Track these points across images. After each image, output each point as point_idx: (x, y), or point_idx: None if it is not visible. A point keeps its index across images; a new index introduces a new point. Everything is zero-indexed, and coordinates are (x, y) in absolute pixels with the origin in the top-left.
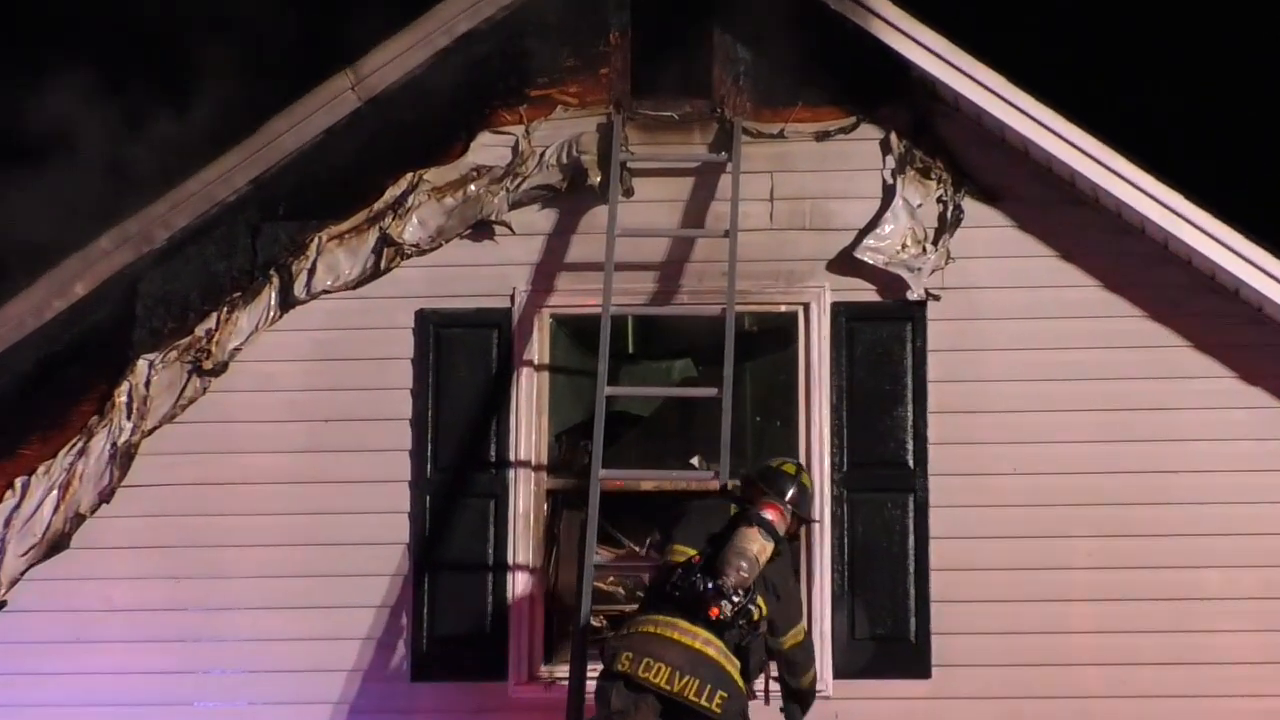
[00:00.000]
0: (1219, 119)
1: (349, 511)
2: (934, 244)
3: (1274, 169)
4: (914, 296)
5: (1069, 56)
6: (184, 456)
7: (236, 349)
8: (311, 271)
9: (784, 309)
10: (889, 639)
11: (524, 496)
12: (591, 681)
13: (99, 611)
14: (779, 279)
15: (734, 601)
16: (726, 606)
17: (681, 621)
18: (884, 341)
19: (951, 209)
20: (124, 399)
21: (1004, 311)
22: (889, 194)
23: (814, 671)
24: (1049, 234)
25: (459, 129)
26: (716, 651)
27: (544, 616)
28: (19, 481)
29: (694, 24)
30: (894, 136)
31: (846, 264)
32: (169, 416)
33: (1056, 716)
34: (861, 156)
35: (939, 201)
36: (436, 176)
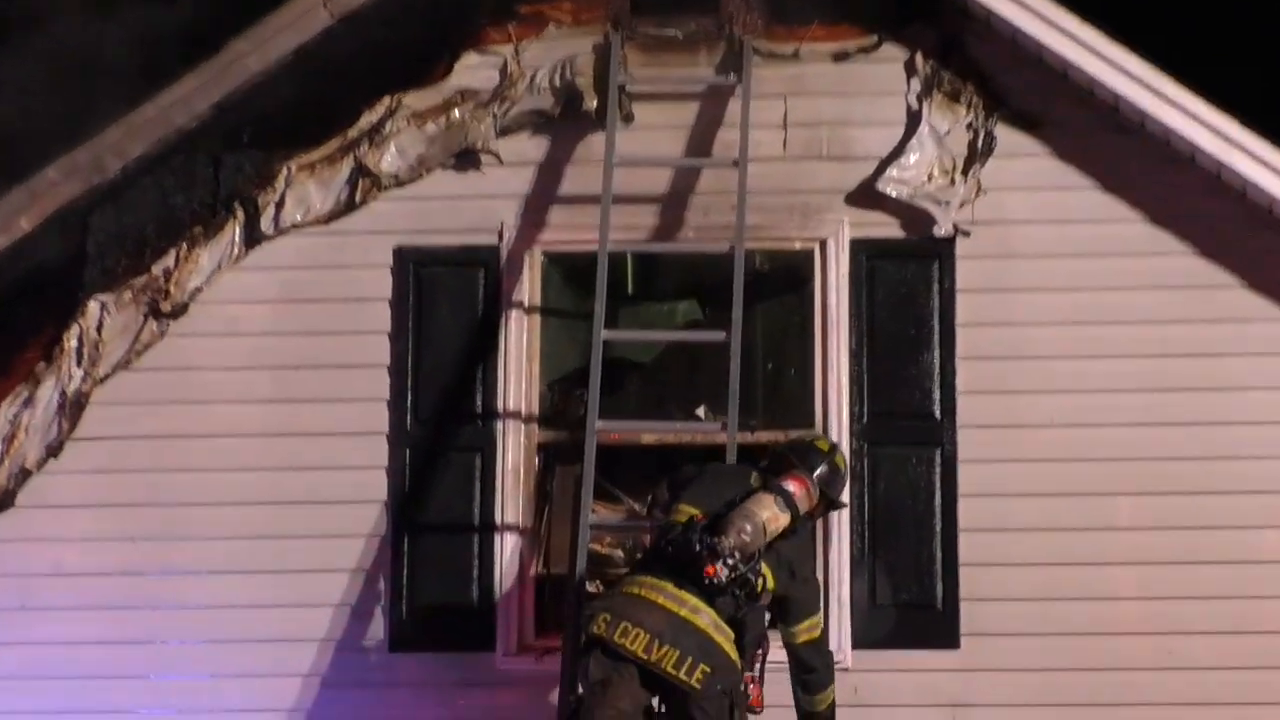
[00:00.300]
0: (1277, 37)
1: (321, 467)
2: (963, 175)
3: None
4: (941, 232)
5: None
6: (140, 407)
7: (197, 289)
8: (279, 205)
9: (798, 246)
10: (913, 606)
11: (513, 450)
12: None
13: (47, 576)
14: (793, 213)
15: (729, 564)
16: (722, 569)
17: (669, 585)
18: (908, 282)
19: (983, 136)
20: (74, 344)
21: (1040, 248)
22: (914, 120)
23: (831, 691)
24: (1089, 164)
25: (441, 49)
26: (706, 621)
27: (535, 582)
28: None
29: None
30: (920, 57)
31: (867, 197)
32: (123, 363)
33: (1097, 691)
34: (884, 79)
35: (969, 128)
36: (417, 101)
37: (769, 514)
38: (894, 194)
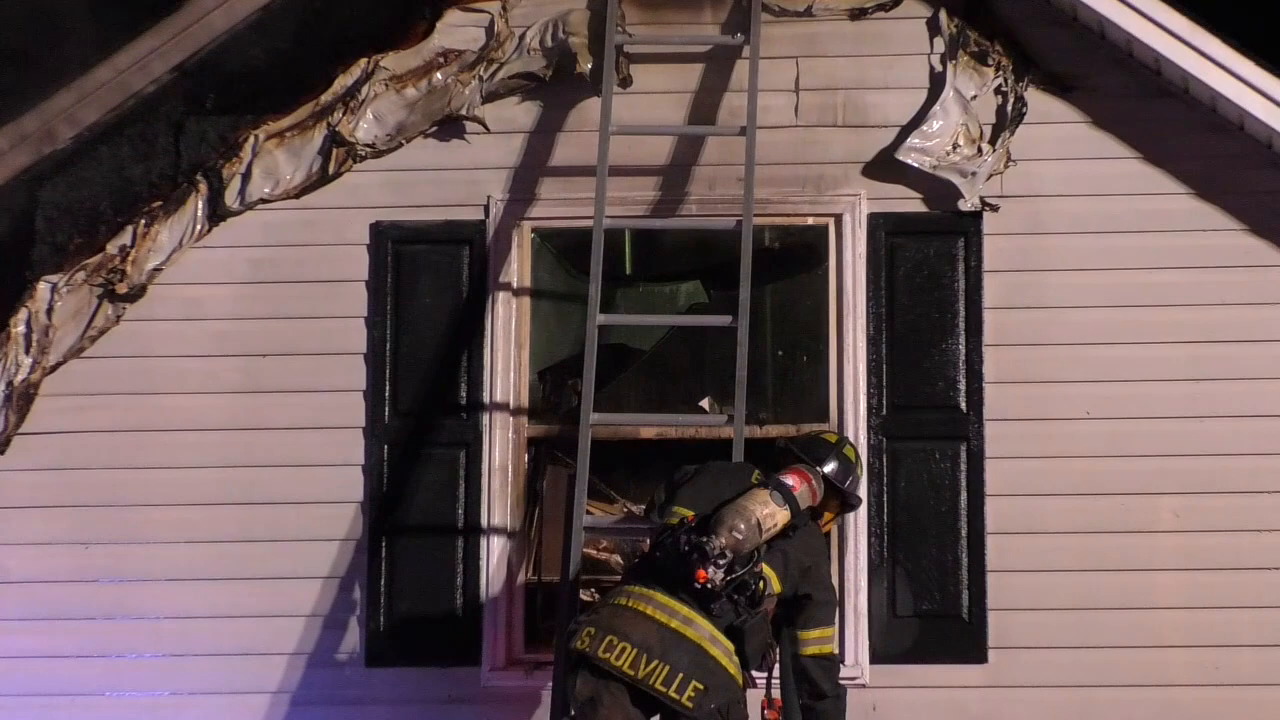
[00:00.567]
0: None
1: (292, 464)
2: (991, 144)
3: None
4: (967, 206)
5: None
6: (94, 398)
7: (156, 269)
8: (246, 177)
9: (811, 221)
10: (937, 616)
11: (500, 446)
12: None
13: None
14: (806, 185)
15: (720, 565)
16: (715, 573)
17: (659, 594)
18: (931, 261)
19: (1012, 102)
20: (21, 329)
21: (1075, 225)
22: (937, 84)
23: None
24: (1129, 132)
25: (422, 6)
26: (699, 633)
27: (524, 590)
28: None
29: None
30: (944, 15)
31: (886, 168)
32: (75, 350)
33: (1137, 709)
34: (905, 39)
35: (997, 93)
36: (396, 63)
37: (765, 510)
38: (915, 165)
